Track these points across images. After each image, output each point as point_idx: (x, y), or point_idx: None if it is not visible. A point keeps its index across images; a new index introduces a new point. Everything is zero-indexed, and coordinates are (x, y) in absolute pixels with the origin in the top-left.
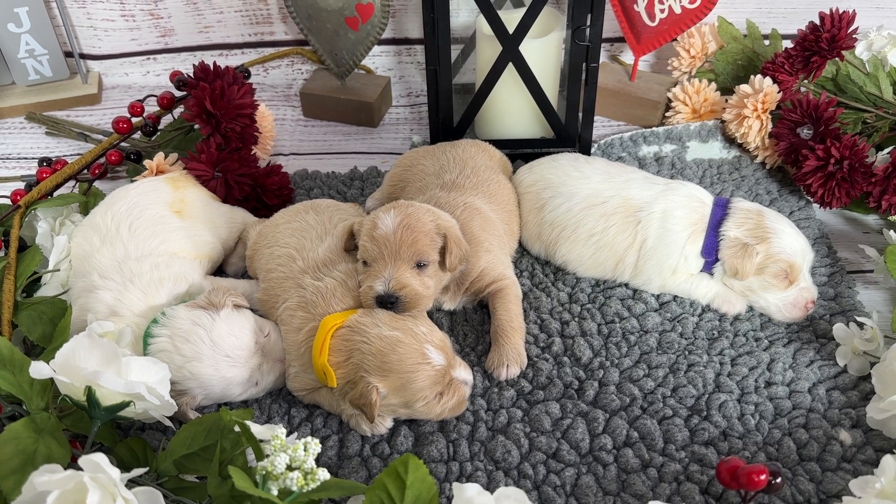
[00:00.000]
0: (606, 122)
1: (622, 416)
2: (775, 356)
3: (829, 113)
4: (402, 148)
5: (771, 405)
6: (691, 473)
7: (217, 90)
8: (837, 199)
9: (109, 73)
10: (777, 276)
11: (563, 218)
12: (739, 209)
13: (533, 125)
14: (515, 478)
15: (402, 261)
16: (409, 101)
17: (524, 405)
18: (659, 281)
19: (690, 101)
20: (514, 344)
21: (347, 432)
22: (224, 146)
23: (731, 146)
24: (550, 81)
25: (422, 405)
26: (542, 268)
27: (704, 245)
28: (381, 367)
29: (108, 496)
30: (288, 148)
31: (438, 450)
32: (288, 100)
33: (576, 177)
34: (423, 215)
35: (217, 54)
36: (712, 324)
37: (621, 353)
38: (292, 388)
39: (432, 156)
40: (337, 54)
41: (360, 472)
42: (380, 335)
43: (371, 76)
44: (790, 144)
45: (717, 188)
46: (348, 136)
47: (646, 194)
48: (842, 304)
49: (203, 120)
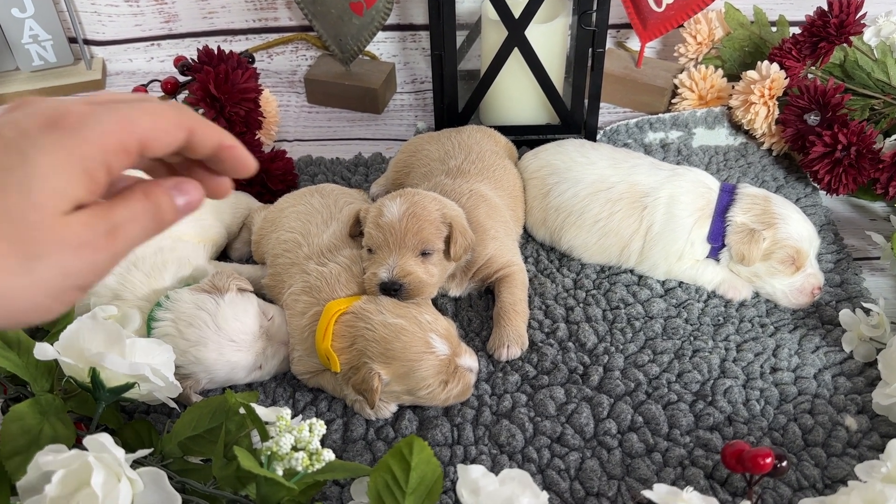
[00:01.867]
0: (612, 109)
1: (627, 401)
2: (781, 342)
3: (837, 99)
4: (407, 134)
5: (776, 391)
6: (696, 458)
7: (221, 74)
8: (844, 185)
9: (113, 59)
10: (784, 262)
11: (569, 204)
12: (746, 195)
13: (538, 111)
14: (520, 461)
15: (406, 249)
16: (414, 87)
17: (529, 390)
18: (665, 267)
19: (697, 88)
20: (516, 326)
21: (352, 416)
22: (228, 130)
23: (737, 133)
24: (556, 67)
25: (425, 393)
26: (547, 254)
27: (711, 231)
28: (385, 354)
29: (112, 476)
30: (292, 134)
31: (443, 433)
32: (292, 86)
33: (582, 162)
34: (429, 204)
35: (221, 40)
36: (718, 310)
37: (626, 338)
38: (296, 372)
39: (437, 141)
40: (341, 40)
41: (364, 456)
42: (384, 322)
43: (376, 62)
44: (797, 131)
45: (723, 175)
46: (353, 122)
47: (652, 180)
48: (848, 291)
49: (207, 104)
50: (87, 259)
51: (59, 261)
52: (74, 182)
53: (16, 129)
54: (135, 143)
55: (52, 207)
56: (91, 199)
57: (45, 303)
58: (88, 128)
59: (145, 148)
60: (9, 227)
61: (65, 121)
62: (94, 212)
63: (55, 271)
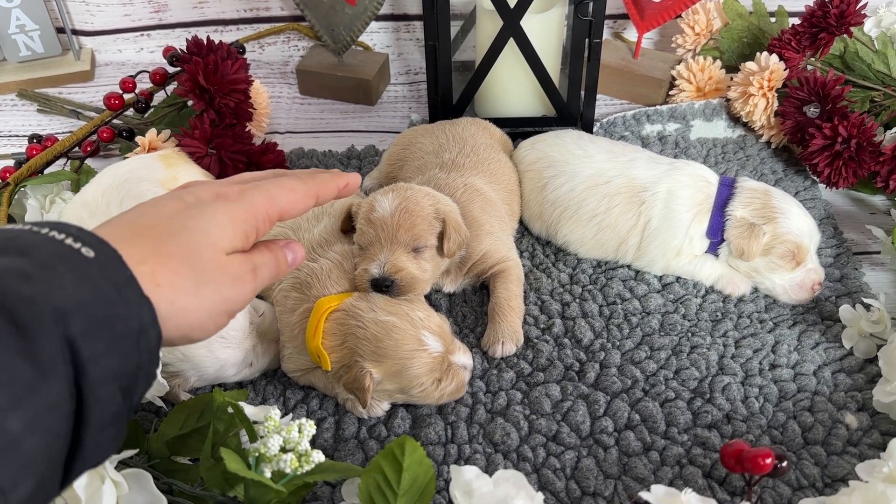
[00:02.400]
0: (609, 101)
1: (623, 398)
2: (780, 338)
3: (837, 91)
4: (401, 126)
5: (775, 388)
6: (694, 457)
7: (210, 65)
8: (844, 178)
9: (102, 50)
10: (784, 257)
11: (566, 198)
12: (746, 188)
13: (534, 103)
14: (515, 460)
15: (398, 244)
16: (408, 78)
17: (524, 387)
18: (662, 262)
19: (695, 79)
20: (511, 322)
21: (344, 414)
22: (218, 122)
23: (735, 125)
24: (552, 58)
25: (418, 391)
26: (543, 248)
27: (710, 225)
28: (376, 352)
29: (96, 478)
30: (284, 126)
31: (436, 432)
32: (284, 77)
33: (579, 155)
34: (422, 199)
35: (212, 30)
36: (716, 305)
37: (623, 334)
38: (287, 370)
39: (431, 134)
40: (334, 30)
41: (356, 455)
42: (375, 320)
43: (369, 53)
44: (796, 123)
45: (721, 168)
46: (345, 114)
47: (650, 174)
48: (848, 286)
49: (196, 95)
50: (239, 289)
51: (219, 288)
52: (234, 234)
53: (194, 197)
54: (276, 214)
55: (221, 248)
56: (240, 250)
57: (206, 322)
58: (244, 201)
59: (283, 215)
60: (189, 257)
61: (227, 195)
62: (242, 256)
63: (217, 296)
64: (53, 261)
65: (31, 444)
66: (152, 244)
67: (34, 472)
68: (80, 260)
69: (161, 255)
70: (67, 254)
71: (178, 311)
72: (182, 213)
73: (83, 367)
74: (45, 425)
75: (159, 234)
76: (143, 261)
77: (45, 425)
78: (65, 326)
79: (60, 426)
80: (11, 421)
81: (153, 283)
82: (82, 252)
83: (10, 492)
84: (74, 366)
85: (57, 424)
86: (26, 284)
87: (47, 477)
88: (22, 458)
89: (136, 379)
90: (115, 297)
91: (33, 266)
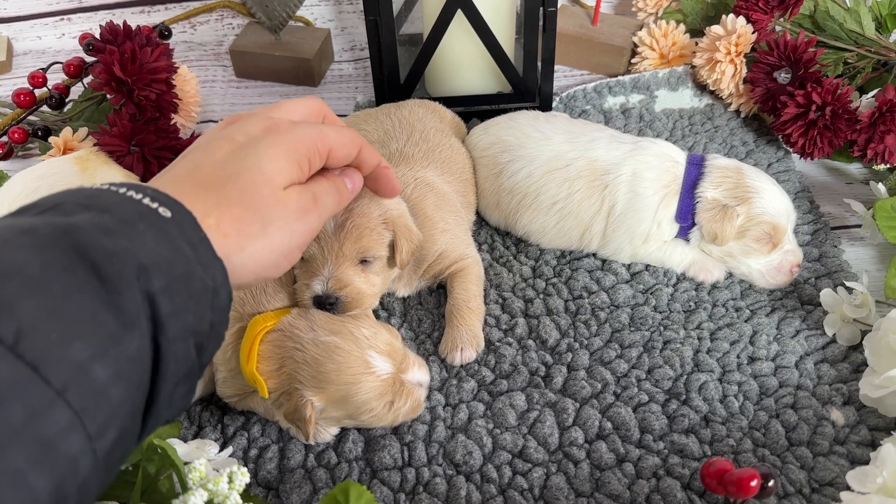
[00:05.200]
0: (568, 72)
1: (593, 404)
2: (758, 328)
3: (809, 54)
4: (346, 109)
5: (755, 384)
6: (671, 467)
7: (127, 53)
8: (819, 149)
9: (20, 38)
10: (760, 239)
11: (524, 184)
12: (716, 167)
13: (488, 79)
14: (478, 482)
15: (343, 258)
16: (353, 55)
17: (486, 398)
18: (630, 250)
19: (658, 46)
20: (470, 325)
21: (289, 440)
22: (139, 117)
23: (702, 94)
24: (505, 29)
25: (368, 417)
26: (503, 239)
27: (679, 209)
28: (317, 377)
29: None
30: (219, 113)
31: (391, 455)
32: (218, 58)
33: (536, 138)
34: (369, 207)
35: (138, 11)
36: (688, 294)
37: (591, 332)
38: (222, 395)
39: (375, 120)
40: (268, 6)
41: (303, 487)
42: (315, 341)
43: (309, 29)
44: (767, 90)
45: (688, 141)
46: (286, 96)
47: (612, 155)
48: (827, 266)
49: (113, 88)
50: (304, 220)
51: (285, 224)
52: (289, 166)
53: (244, 133)
54: (325, 149)
55: (278, 183)
56: (297, 182)
57: (279, 260)
58: (296, 133)
59: (331, 154)
60: (250, 199)
61: (278, 128)
62: (301, 187)
63: (284, 232)
64: (134, 218)
65: (115, 393)
66: (214, 196)
67: (118, 421)
68: (158, 219)
69: (223, 205)
70: (146, 213)
71: (249, 256)
72: (234, 153)
73: (162, 322)
74: (127, 376)
75: (218, 183)
76: (208, 213)
77: (127, 376)
78: (146, 282)
79: (140, 379)
80: (98, 370)
81: (220, 233)
82: (160, 212)
83: (98, 439)
84: (153, 321)
85: (137, 377)
86: (110, 239)
87: (129, 428)
88: (109, 406)
89: (208, 337)
90: (192, 255)
91: (115, 222)
